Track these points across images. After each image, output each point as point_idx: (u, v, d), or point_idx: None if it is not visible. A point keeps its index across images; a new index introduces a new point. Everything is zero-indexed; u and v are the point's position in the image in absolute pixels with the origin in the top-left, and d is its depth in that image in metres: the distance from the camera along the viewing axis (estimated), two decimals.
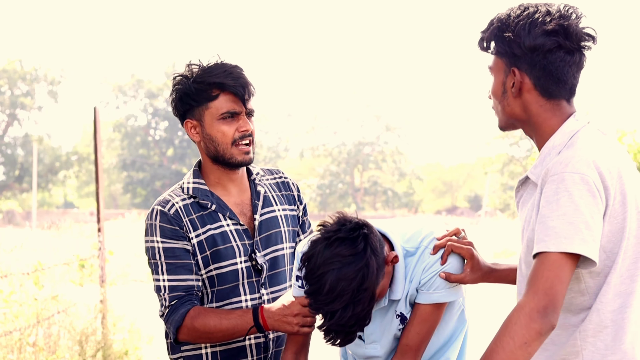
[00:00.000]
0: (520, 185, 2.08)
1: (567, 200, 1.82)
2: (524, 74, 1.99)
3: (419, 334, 2.31)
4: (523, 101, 2.02)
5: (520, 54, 1.98)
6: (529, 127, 2.05)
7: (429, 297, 2.29)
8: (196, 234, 2.47)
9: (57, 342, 5.96)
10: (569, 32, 1.95)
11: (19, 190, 50.19)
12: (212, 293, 2.51)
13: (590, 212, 1.82)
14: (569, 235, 1.80)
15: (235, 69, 2.48)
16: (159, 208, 2.48)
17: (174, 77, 2.54)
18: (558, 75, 1.97)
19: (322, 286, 2.08)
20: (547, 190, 1.87)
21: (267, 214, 2.59)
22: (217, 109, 2.47)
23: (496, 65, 2.05)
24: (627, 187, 1.91)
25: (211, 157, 2.53)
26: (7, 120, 50.09)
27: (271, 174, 2.70)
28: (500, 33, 2.00)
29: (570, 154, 1.89)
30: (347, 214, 2.20)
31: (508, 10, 2.02)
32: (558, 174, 1.86)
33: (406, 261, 2.31)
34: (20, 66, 49.47)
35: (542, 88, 1.99)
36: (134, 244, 18.73)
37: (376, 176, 58.66)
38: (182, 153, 55.08)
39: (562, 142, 1.96)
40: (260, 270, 2.53)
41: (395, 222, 2.41)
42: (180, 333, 2.44)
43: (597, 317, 1.90)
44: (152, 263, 2.49)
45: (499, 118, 2.10)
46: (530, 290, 1.81)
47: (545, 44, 1.94)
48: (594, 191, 1.84)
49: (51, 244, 14.18)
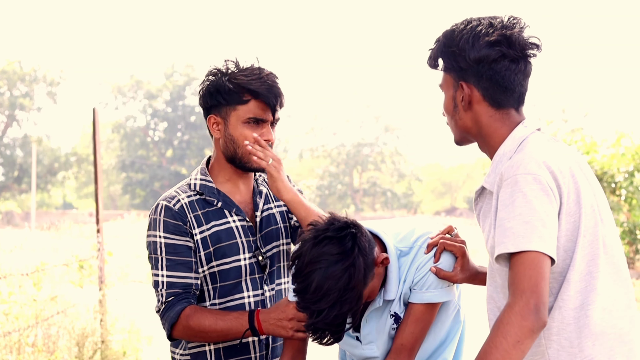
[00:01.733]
0: (477, 197, 2.11)
1: (522, 201, 1.85)
2: (472, 87, 2.04)
3: (412, 333, 2.32)
4: (474, 113, 2.06)
5: (466, 67, 2.02)
6: (481, 139, 2.08)
7: (422, 296, 2.29)
8: (200, 230, 2.48)
9: (56, 343, 5.96)
10: (511, 41, 1.99)
11: (18, 191, 50.19)
12: (215, 289, 2.51)
13: (545, 210, 1.85)
14: (526, 234, 1.83)
15: (271, 77, 2.48)
16: (165, 203, 2.49)
17: (210, 70, 2.53)
18: (505, 84, 2.01)
19: (309, 285, 2.09)
20: (502, 194, 1.90)
21: (266, 211, 2.61)
22: (245, 112, 2.46)
23: (445, 81, 2.10)
24: (581, 186, 1.95)
25: (227, 157, 2.53)
26: (6, 121, 50.09)
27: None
28: (446, 49, 2.06)
29: (521, 157, 1.93)
30: (337, 214, 2.21)
31: (453, 25, 2.07)
32: (511, 177, 1.89)
33: (400, 261, 2.31)
34: (19, 67, 49.49)
35: (491, 98, 2.03)
36: (133, 244, 18.74)
37: (375, 177, 58.66)
38: (181, 154, 55.08)
39: (512, 148, 2.00)
40: (264, 266, 2.54)
41: (389, 223, 2.42)
42: (175, 330, 2.45)
43: (560, 315, 1.92)
44: (153, 258, 2.49)
45: (453, 133, 2.15)
46: (516, 290, 1.82)
47: (490, 55, 1.99)
48: (547, 190, 1.87)
49: (50, 245, 14.21)
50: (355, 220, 2.21)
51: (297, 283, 2.13)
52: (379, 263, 2.21)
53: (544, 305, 1.81)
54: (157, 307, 2.48)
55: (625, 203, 13.12)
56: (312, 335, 2.18)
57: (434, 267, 2.28)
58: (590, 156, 13.16)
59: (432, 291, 2.29)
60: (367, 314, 2.36)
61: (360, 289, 2.12)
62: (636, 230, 12.96)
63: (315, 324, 2.12)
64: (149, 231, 2.50)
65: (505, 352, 1.81)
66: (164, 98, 55.50)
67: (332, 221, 2.17)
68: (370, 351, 2.40)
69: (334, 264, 2.08)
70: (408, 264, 2.30)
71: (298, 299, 2.14)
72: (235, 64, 2.50)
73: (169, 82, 55.31)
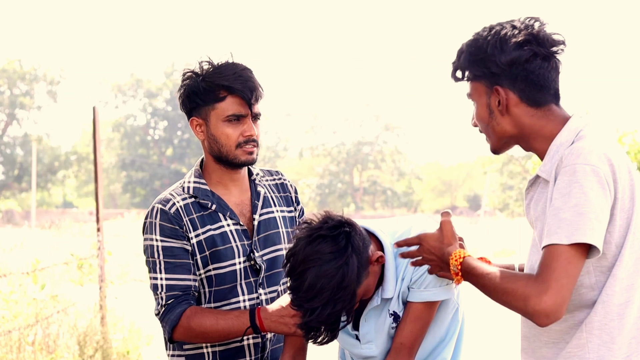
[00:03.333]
0: (530, 186, 2.09)
1: (579, 192, 1.85)
2: (507, 90, 2.02)
3: (412, 332, 2.31)
4: (512, 117, 2.04)
5: (498, 71, 2.01)
6: (525, 141, 2.07)
7: (420, 295, 2.29)
8: (196, 234, 2.47)
9: (56, 342, 5.96)
10: (540, 39, 1.99)
11: (18, 189, 50.19)
12: (210, 293, 2.51)
13: (599, 203, 1.85)
14: (580, 226, 1.82)
15: (245, 71, 2.46)
16: (160, 206, 2.48)
17: (183, 73, 2.52)
18: (541, 82, 2.00)
19: (303, 283, 2.10)
20: (559, 182, 1.89)
21: (266, 214, 2.59)
22: (223, 110, 2.46)
23: (475, 90, 2.08)
24: (636, 183, 1.95)
25: (214, 157, 2.52)
26: (7, 120, 50.09)
27: (270, 175, 2.71)
28: (473, 58, 2.04)
29: (582, 145, 1.91)
30: (331, 213, 2.21)
31: (474, 35, 2.06)
32: (570, 165, 1.88)
33: (397, 260, 2.31)
34: (19, 66, 49.48)
35: (529, 99, 2.02)
36: (133, 243, 18.74)
37: (375, 176, 58.68)
38: (182, 153, 55.09)
39: (569, 138, 1.98)
40: (259, 270, 2.53)
41: (386, 221, 2.42)
42: (176, 332, 2.44)
43: (603, 310, 1.92)
44: (150, 261, 2.48)
45: (491, 141, 2.13)
46: (538, 279, 1.83)
47: (522, 55, 1.98)
48: (604, 183, 1.86)
49: (50, 244, 14.22)
50: (350, 218, 2.21)
51: (291, 281, 2.14)
52: (374, 261, 2.21)
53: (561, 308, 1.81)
54: (157, 310, 2.47)
55: None
56: (306, 333, 2.18)
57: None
58: None
59: (431, 290, 2.29)
60: (366, 313, 2.35)
61: (353, 288, 2.12)
62: None
63: (309, 323, 2.12)
64: (146, 234, 2.49)
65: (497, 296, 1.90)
66: (164, 97, 55.49)
67: (326, 219, 2.17)
68: (369, 350, 2.39)
69: (327, 263, 2.09)
70: (406, 262, 2.30)
71: (292, 297, 2.15)
72: (210, 63, 2.49)
73: (169, 80, 55.29)
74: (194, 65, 2.51)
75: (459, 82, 2.11)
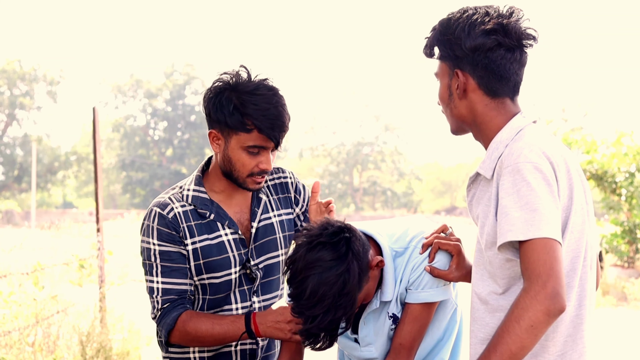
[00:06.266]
0: (471, 183, 2.10)
1: (527, 190, 1.85)
2: (467, 75, 2.04)
3: (410, 332, 2.31)
4: (469, 102, 2.05)
5: (462, 55, 2.02)
6: (476, 128, 2.08)
7: (418, 296, 2.29)
8: (192, 241, 2.46)
9: (56, 342, 5.96)
10: (507, 30, 1.99)
11: (18, 190, 50.18)
12: (204, 300, 2.51)
13: (548, 199, 1.86)
14: (535, 222, 1.82)
15: (278, 108, 2.36)
16: (158, 211, 2.46)
17: (218, 78, 2.42)
18: (500, 72, 2.01)
19: (304, 291, 2.08)
20: (504, 182, 1.90)
21: (263, 220, 2.57)
22: (246, 140, 2.38)
23: (441, 69, 2.10)
24: (575, 182, 1.96)
25: (224, 172, 2.48)
26: (6, 120, 50.08)
27: (271, 174, 2.66)
28: (441, 37, 2.06)
29: (520, 145, 1.93)
30: (331, 219, 2.20)
31: (449, 14, 2.07)
32: (512, 165, 1.89)
33: (395, 262, 2.31)
34: (19, 66, 49.47)
35: (486, 87, 2.03)
36: (133, 243, 18.74)
37: (375, 176, 58.67)
38: (181, 153, 55.07)
39: (509, 136, 2.00)
40: (254, 278, 2.52)
41: (383, 223, 2.41)
42: (172, 336, 2.44)
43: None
44: (147, 264, 2.47)
45: (449, 122, 2.14)
46: (531, 275, 1.81)
47: (485, 43, 1.99)
48: (548, 179, 1.88)
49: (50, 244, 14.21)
50: (349, 224, 2.20)
51: (291, 289, 2.13)
52: (374, 266, 2.21)
53: (562, 288, 1.79)
54: (153, 313, 2.47)
55: (626, 203, 13.11)
56: (306, 340, 2.17)
57: (429, 266, 2.28)
58: (590, 156, 13.15)
59: (428, 291, 2.29)
60: (365, 316, 2.35)
61: (355, 294, 2.12)
62: (636, 229, 12.95)
63: (310, 330, 2.12)
64: (143, 237, 2.48)
65: (517, 336, 1.79)
66: (164, 97, 55.49)
67: (326, 226, 2.16)
68: (369, 353, 2.39)
69: (328, 270, 2.08)
70: (403, 265, 2.30)
71: (292, 305, 2.14)
72: (247, 73, 2.40)
73: (169, 81, 55.29)
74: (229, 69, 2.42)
75: (429, 58, 2.12)
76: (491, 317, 1.99)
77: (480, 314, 2.03)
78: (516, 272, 1.95)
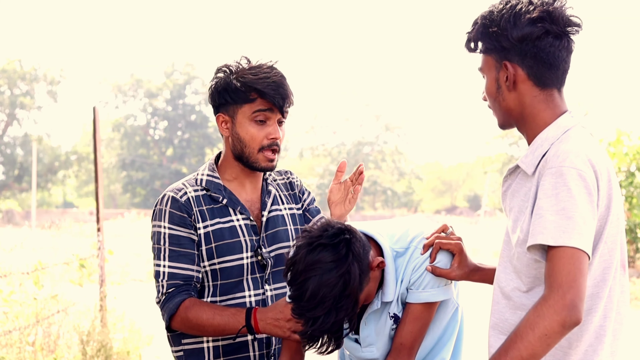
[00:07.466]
0: (509, 174, 2.08)
1: (566, 195, 1.83)
2: (516, 66, 2.00)
3: (411, 332, 2.31)
4: (518, 94, 2.01)
5: (509, 46, 1.98)
6: (522, 121, 2.04)
7: (419, 296, 2.29)
8: (204, 225, 2.49)
9: (57, 342, 5.96)
10: (554, 17, 1.96)
11: (19, 189, 50.17)
12: (215, 287, 2.52)
13: (587, 208, 1.83)
14: (568, 229, 1.80)
15: (280, 79, 2.47)
16: (171, 194, 2.50)
17: (218, 68, 2.53)
18: (550, 60, 1.98)
19: (304, 292, 2.08)
20: (545, 182, 1.87)
21: (274, 211, 2.62)
22: (251, 109, 2.47)
23: (486, 63, 2.06)
24: (614, 192, 1.93)
25: (235, 155, 2.55)
26: (7, 120, 50.08)
27: (280, 175, 2.74)
28: (486, 30, 2.01)
29: (567, 148, 1.90)
30: (331, 220, 2.20)
31: (490, 7, 2.03)
32: (556, 167, 1.87)
33: (396, 263, 2.31)
34: (19, 66, 49.46)
35: (536, 77, 1.99)
36: (133, 243, 18.74)
37: (376, 176, 58.67)
38: (182, 153, 55.07)
39: (555, 135, 1.96)
40: (265, 266, 2.54)
41: (384, 224, 2.41)
42: (174, 321, 2.46)
43: None
44: (156, 248, 2.50)
45: (497, 116, 2.10)
46: (553, 284, 1.80)
47: (533, 32, 1.95)
48: (590, 189, 1.85)
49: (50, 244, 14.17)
50: (349, 225, 2.20)
51: (292, 290, 2.13)
52: (375, 267, 2.21)
53: (580, 301, 1.78)
54: (158, 297, 2.49)
55: (626, 202, 13.12)
56: (309, 343, 2.16)
57: (430, 266, 2.27)
58: None
59: (429, 290, 2.29)
60: (366, 317, 2.35)
61: (356, 295, 2.11)
62: (636, 229, 12.96)
63: (312, 332, 2.11)
64: (154, 221, 2.52)
65: (530, 343, 1.79)
66: (164, 97, 55.49)
67: (326, 227, 2.15)
68: (370, 353, 2.39)
69: (329, 272, 2.07)
70: (404, 265, 2.30)
71: (293, 306, 2.13)
72: (248, 61, 2.50)
73: (169, 80, 55.28)
74: (228, 61, 2.52)
75: (472, 52, 2.08)
76: (512, 313, 1.98)
77: (500, 308, 2.02)
78: (542, 273, 1.92)
